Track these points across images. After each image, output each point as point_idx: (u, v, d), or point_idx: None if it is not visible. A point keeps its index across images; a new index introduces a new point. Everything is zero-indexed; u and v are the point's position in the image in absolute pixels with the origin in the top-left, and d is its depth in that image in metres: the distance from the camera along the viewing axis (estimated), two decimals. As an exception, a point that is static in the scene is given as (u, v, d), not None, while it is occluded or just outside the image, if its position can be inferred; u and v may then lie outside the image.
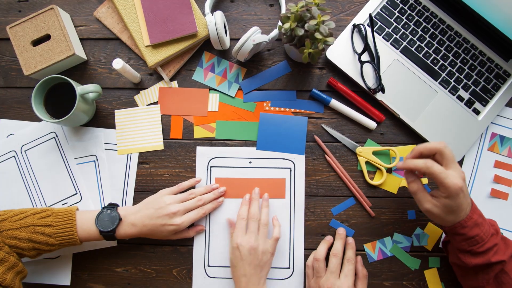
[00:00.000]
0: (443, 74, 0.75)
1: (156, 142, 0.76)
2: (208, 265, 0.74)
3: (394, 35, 0.76)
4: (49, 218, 0.65)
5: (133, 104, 0.78)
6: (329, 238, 0.73)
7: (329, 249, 0.72)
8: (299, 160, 0.76)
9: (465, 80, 0.75)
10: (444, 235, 0.74)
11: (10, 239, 0.63)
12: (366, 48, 0.73)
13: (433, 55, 0.76)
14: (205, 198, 0.73)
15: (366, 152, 0.75)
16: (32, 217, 0.65)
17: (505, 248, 0.62)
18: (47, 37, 0.74)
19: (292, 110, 0.77)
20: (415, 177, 0.64)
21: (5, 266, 0.60)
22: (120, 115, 0.77)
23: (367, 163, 0.75)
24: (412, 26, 0.76)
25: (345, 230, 0.74)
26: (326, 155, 0.76)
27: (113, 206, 0.69)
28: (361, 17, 0.76)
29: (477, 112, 0.75)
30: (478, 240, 0.61)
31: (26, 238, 0.63)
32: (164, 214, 0.68)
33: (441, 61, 0.76)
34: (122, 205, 0.75)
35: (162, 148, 0.76)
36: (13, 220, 0.64)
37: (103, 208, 0.68)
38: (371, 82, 0.75)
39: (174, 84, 0.78)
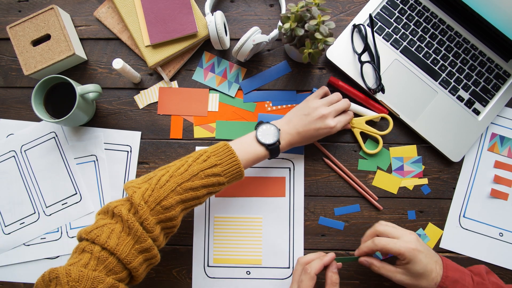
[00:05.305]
0: (443, 74, 0.75)
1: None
2: (208, 265, 0.74)
3: (394, 35, 0.76)
4: (210, 159, 0.62)
5: (133, 104, 0.78)
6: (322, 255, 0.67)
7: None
8: (298, 160, 0.76)
9: (465, 80, 0.75)
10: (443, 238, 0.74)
11: (187, 192, 0.59)
12: (366, 48, 0.73)
13: (433, 55, 0.76)
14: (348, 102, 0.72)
15: (359, 122, 0.75)
16: (195, 164, 0.61)
17: None
18: (47, 37, 0.74)
19: (292, 110, 0.77)
20: (372, 259, 0.64)
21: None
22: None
23: (362, 133, 0.76)
24: (412, 27, 0.76)
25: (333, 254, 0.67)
26: (324, 158, 0.76)
27: (260, 123, 0.68)
28: (361, 17, 0.76)
29: (477, 112, 0.75)
30: None
31: (200, 186, 0.60)
32: (316, 118, 0.67)
33: (441, 61, 0.76)
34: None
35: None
36: (179, 173, 0.60)
37: (256, 126, 0.67)
38: (371, 82, 0.75)
39: (174, 84, 0.78)
